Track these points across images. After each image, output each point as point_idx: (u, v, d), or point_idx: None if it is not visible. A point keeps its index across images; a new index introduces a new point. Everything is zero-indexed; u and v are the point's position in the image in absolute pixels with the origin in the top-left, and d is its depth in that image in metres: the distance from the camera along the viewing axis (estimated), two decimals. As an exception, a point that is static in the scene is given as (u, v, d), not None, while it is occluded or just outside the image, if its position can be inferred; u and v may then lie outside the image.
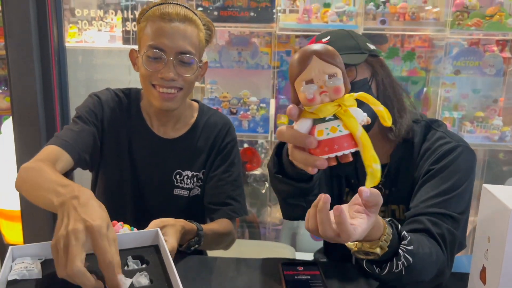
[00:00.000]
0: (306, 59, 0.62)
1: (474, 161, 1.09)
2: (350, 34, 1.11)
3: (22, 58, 1.98)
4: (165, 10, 1.16)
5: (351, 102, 0.64)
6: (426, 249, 0.90)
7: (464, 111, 2.34)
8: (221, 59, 2.42)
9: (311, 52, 0.62)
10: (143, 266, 0.86)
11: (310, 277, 0.96)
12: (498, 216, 0.75)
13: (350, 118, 0.63)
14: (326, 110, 0.63)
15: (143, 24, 1.20)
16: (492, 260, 0.78)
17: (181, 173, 1.31)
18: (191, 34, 1.19)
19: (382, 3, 2.24)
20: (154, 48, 1.16)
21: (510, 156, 2.60)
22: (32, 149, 2.06)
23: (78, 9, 2.50)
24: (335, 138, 0.63)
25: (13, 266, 0.82)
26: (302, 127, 0.65)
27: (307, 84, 0.62)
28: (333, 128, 0.62)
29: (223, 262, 1.09)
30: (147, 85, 1.20)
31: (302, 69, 0.62)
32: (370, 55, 1.08)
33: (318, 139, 0.63)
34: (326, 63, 0.62)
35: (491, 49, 2.41)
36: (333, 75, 0.62)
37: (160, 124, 1.32)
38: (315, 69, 0.62)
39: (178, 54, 1.17)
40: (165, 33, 1.16)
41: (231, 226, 1.31)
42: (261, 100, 2.36)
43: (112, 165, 1.31)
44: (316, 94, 0.62)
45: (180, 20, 1.17)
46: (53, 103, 2.09)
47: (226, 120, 1.39)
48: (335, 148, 0.63)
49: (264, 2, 2.20)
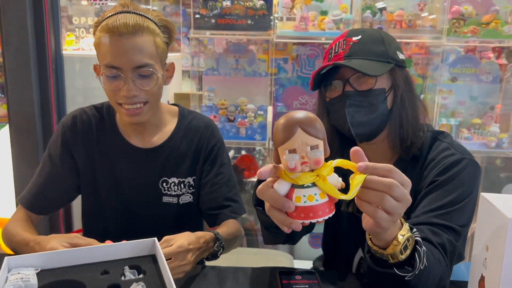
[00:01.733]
0: (291, 129, 0.65)
1: (479, 174, 1.08)
2: (383, 38, 1.09)
3: (19, 66, 1.99)
4: (114, 24, 1.10)
5: (329, 171, 0.68)
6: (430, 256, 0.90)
7: (461, 118, 2.35)
8: (219, 67, 2.43)
9: (296, 123, 0.65)
10: (140, 276, 0.86)
11: (308, 286, 0.96)
12: (496, 225, 0.75)
13: (328, 187, 0.67)
14: (306, 179, 0.67)
15: (97, 38, 1.15)
16: (491, 269, 0.78)
17: (167, 181, 1.30)
18: (146, 45, 1.13)
19: (379, 10, 2.25)
20: (110, 67, 1.12)
21: (507, 163, 2.61)
22: (29, 156, 2.05)
23: (75, 17, 2.50)
24: (311, 207, 0.67)
25: (8, 277, 0.81)
26: (282, 188, 0.69)
27: (290, 153, 0.66)
28: (310, 197, 0.67)
29: (221, 271, 1.08)
30: (113, 103, 1.19)
31: (286, 138, 0.65)
32: (396, 65, 1.08)
33: (296, 205, 0.68)
34: (309, 136, 0.65)
35: (487, 56, 2.43)
36: (315, 147, 0.66)
37: (137, 134, 1.29)
38: (299, 141, 0.65)
39: (135, 69, 1.12)
40: (117, 50, 1.10)
41: (238, 224, 1.30)
42: (259, 107, 2.36)
43: (93, 184, 1.30)
44: (297, 164, 0.65)
45: (130, 32, 1.10)
46: (50, 111, 2.09)
47: (208, 122, 1.36)
48: (310, 216, 0.68)
49: (262, 10, 2.20)
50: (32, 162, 2.03)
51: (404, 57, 1.12)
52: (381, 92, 1.07)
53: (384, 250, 0.83)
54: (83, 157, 1.29)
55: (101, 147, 1.29)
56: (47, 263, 0.86)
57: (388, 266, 0.85)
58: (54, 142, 1.30)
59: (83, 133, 1.29)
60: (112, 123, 1.31)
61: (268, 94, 2.40)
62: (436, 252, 0.94)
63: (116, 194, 1.29)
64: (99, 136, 1.29)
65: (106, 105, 1.33)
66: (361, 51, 1.07)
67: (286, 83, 2.38)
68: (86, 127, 1.29)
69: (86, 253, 0.89)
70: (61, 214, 2.20)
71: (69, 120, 1.30)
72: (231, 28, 2.23)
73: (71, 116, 1.31)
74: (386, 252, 0.83)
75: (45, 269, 0.86)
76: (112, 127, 1.30)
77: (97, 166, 1.29)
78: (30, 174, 1.34)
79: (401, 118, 1.09)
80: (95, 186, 1.30)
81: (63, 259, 0.87)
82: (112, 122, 1.31)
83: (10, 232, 1.18)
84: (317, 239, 2.54)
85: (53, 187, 1.28)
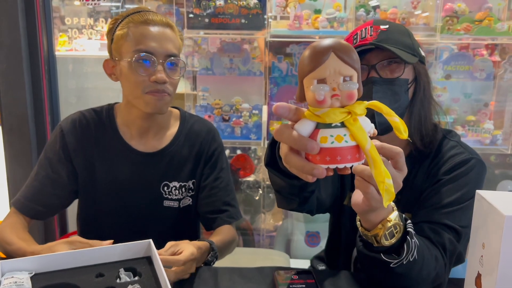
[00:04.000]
0: (322, 55, 0.54)
1: (484, 175, 1.08)
2: (409, 33, 1.10)
3: (12, 67, 1.97)
4: (147, 16, 1.17)
5: (362, 111, 0.58)
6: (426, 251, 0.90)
7: (455, 115, 2.35)
8: (213, 66, 2.42)
9: (329, 47, 0.55)
10: (136, 278, 0.85)
11: (305, 285, 0.96)
12: (492, 222, 0.75)
13: (359, 129, 0.57)
14: (335, 116, 0.56)
15: (122, 31, 1.18)
16: (487, 266, 0.78)
17: (169, 185, 1.29)
18: (174, 38, 1.21)
19: (372, 8, 2.25)
20: (143, 52, 1.15)
21: (501, 159, 2.62)
22: (22, 158, 2.04)
23: (68, 18, 2.49)
24: (339, 149, 0.56)
25: (2, 281, 0.80)
26: (304, 129, 0.58)
27: (319, 83, 0.55)
28: (338, 137, 0.56)
29: (217, 272, 1.07)
30: (138, 93, 1.18)
31: (315, 65, 0.55)
32: (419, 60, 1.08)
33: (321, 146, 0.57)
34: (343, 63, 0.55)
35: (480, 53, 2.43)
36: (349, 78, 0.56)
37: (141, 134, 1.28)
38: (331, 68, 0.55)
39: (166, 57, 1.17)
40: (152, 37, 1.16)
41: (233, 231, 1.30)
42: (254, 107, 2.35)
43: (92, 188, 1.28)
44: (327, 96, 0.55)
45: (163, 25, 1.19)
46: (43, 112, 2.08)
47: (210, 126, 1.37)
48: (337, 160, 0.56)
49: (255, 9, 2.20)
50: (25, 163, 2.01)
51: (424, 54, 1.12)
52: (404, 83, 1.06)
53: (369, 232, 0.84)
54: (82, 161, 1.27)
55: (101, 151, 1.27)
56: (41, 267, 0.85)
57: (377, 251, 0.86)
58: (52, 146, 1.27)
59: (83, 137, 1.27)
60: (113, 126, 1.29)
61: (263, 93, 2.39)
62: (434, 248, 0.94)
63: (117, 198, 1.28)
64: (99, 140, 1.28)
65: (106, 108, 1.32)
66: (390, 40, 1.04)
67: (281, 82, 2.38)
68: (85, 131, 1.28)
69: (81, 256, 0.88)
70: (56, 217, 2.19)
71: (68, 124, 1.28)
72: (224, 28, 2.22)
73: (70, 120, 1.29)
74: (369, 233, 0.83)
75: (39, 273, 0.85)
76: (113, 131, 1.29)
77: (96, 170, 1.27)
78: (23, 175, 1.33)
79: (420, 112, 1.09)
80: (95, 190, 1.28)
81: (57, 262, 0.87)
82: (112, 126, 1.29)
83: (4, 239, 1.14)
84: (314, 238, 2.54)
85: (51, 191, 1.25)
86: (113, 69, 1.23)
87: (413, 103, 1.08)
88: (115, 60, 1.22)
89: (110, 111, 1.31)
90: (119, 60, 1.20)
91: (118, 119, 1.30)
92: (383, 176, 0.58)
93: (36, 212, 1.25)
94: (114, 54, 1.22)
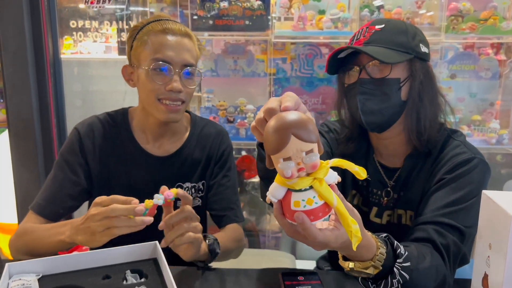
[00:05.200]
0: (284, 137, 0.62)
1: (488, 175, 1.07)
2: (407, 30, 1.09)
3: (18, 71, 1.98)
4: (167, 25, 1.20)
5: (325, 174, 0.66)
6: (426, 263, 0.89)
7: (461, 115, 2.34)
8: (217, 68, 2.42)
9: (288, 129, 0.62)
10: (142, 280, 0.86)
11: (310, 286, 0.95)
12: (499, 222, 0.75)
13: (326, 190, 0.66)
14: (303, 184, 0.65)
15: (142, 39, 1.21)
16: (494, 266, 0.77)
17: (182, 186, 1.31)
18: (192, 48, 1.23)
19: (376, 8, 2.24)
20: (160, 60, 1.18)
21: (508, 159, 2.60)
22: (28, 161, 2.05)
23: (73, 20, 2.50)
24: (311, 210, 0.66)
25: (10, 283, 0.81)
26: (278, 193, 0.68)
27: (285, 161, 0.63)
28: (309, 200, 0.66)
29: (222, 273, 1.07)
30: (153, 100, 1.20)
31: (279, 148, 0.62)
32: (417, 57, 1.07)
33: (295, 209, 0.66)
34: (303, 142, 0.62)
35: (486, 52, 2.42)
36: (310, 151, 0.63)
37: (156, 138, 1.31)
38: (293, 149, 0.62)
39: (183, 66, 1.20)
40: (170, 46, 1.19)
41: (240, 231, 1.32)
42: (258, 108, 2.35)
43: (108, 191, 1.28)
44: (294, 171, 0.63)
45: (182, 35, 1.21)
46: (49, 115, 2.09)
47: (219, 129, 1.40)
48: (311, 219, 0.66)
49: (259, 10, 2.20)
50: (32, 166, 2.02)
51: (427, 50, 1.11)
52: (395, 82, 1.06)
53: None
54: (98, 164, 1.28)
55: (116, 155, 1.29)
56: (48, 269, 0.86)
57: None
58: (70, 149, 1.28)
59: (99, 141, 1.29)
60: (128, 130, 1.31)
61: (267, 94, 2.40)
62: (433, 258, 0.92)
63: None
64: (114, 144, 1.30)
65: (121, 112, 1.34)
66: (381, 40, 1.06)
67: (285, 83, 2.38)
68: (101, 135, 1.30)
69: (88, 258, 0.89)
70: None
71: (85, 127, 1.30)
72: (229, 29, 2.23)
73: (86, 123, 1.31)
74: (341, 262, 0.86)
75: (47, 275, 0.85)
76: (128, 135, 1.30)
77: (112, 173, 1.29)
78: (30, 178, 1.33)
79: (417, 111, 1.08)
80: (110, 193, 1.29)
81: (65, 264, 0.87)
82: (127, 130, 1.31)
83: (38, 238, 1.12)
84: (319, 238, 2.53)
85: (69, 193, 1.26)
86: (131, 75, 1.26)
87: (408, 101, 1.08)
88: (133, 67, 1.24)
89: (125, 116, 1.33)
90: (137, 67, 1.23)
91: (133, 123, 1.32)
92: (350, 224, 0.67)
93: (57, 214, 1.25)
94: (132, 60, 1.24)
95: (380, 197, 1.17)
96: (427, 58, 1.10)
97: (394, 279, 0.84)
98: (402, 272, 0.84)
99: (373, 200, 1.18)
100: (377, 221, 1.17)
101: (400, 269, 0.84)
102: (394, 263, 0.85)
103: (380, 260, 0.82)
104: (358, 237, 0.68)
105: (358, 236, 0.68)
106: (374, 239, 0.82)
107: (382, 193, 1.17)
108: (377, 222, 1.17)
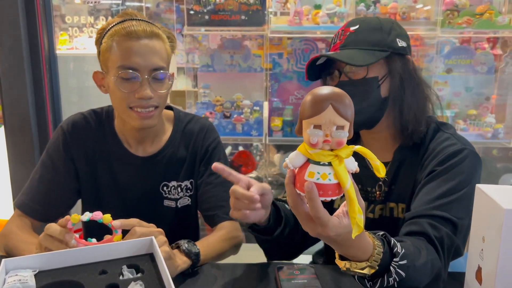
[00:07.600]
0: (321, 106, 0.64)
1: (479, 166, 1.07)
2: (382, 26, 1.09)
3: (13, 67, 1.98)
4: (131, 28, 1.12)
5: (347, 155, 0.67)
6: (422, 259, 0.89)
7: (457, 109, 2.35)
8: (214, 63, 2.42)
9: (328, 99, 0.64)
10: (138, 275, 0.86)
11: (306, 280, 0.96)
12: (492, 216, 0.76)
13: (343, 171, 0.66)
14: (323, 158, 0.66)
15: (107, 43, 1.15)
16: (487, 260, 0.78)
17: (168, 185, 1.30)
18: (161, 48, 1.16)
19: (372, 3, 2.24)
20: (127, 68, 1.12)
21: (503, 153, 2.61)
22: (24, 157, 2.05)
23: (68, 16, 2.49)
24: (322, 185, 0.67)
25: (6, 279, 0.81)
26: (297, 161, 0.69)
27: (315, 128, 0.65)
28: (324, 175, 0.67)
29: (219, 268, 1.08)
30: (124, 108, 1.16)
31: (314, 113, 0.64)
32: (394, 53, 1.08)
33: (307, 179, 0.67)
34: (338, 115, 0.64)
35: (482, 47, 2.43)
36: (341, 127, 0.65)
37: (137, 142, 1.28)
38: (327, 118, 0.64)
39: (151, 71, 1.14)
40: (136, 51, 1.12)
41: (234, 227, 1.25)
42: (255, 103, 2.35)
43: (95, 189, 1.29)
44: (320, 141, 0.65)
45: (148, 37, 1.13)
46: (45, 111, 2.08)
47: (203, 124, 1.35)
48: (320, 193, 0.67)
49: (255, 5, 2.19)
50: (28, 162, 2.02)
51: (406, 44, 1.11)
52: (373, 81, 1.07)
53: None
54: (84, 162, 1.27)
55: (101, 154, 1.28)
56: (44, 264, 0.86)
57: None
58: (54, 147, 1.27)
59: (84, 139, 1.27)
60: (112, 130, 1.29)
61: (263, 90, 2.39)
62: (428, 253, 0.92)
63: (118, 199, 1.29)
64: (99, 142, 1.28)
65: (106, 110, 1.32)
66: (356, 41, 1.08)
67: (281, 78, 2.38)
68: (86, 132, 1.28)
69: (84, 253, 0.89)
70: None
71: (70, 125, 1.28)
72: (225, 24, 2.22)
73: (71, 121, 1.29)
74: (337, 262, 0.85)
75: (43, 271, 0.86)
76: (112, 135, 1.29)
77: (98, 171, 1.28)
78: (26, 174, 1.32)
79: (400, 105, 1.09)
80: (97, 191, 1.29)
81: (61, 260, 0.87)
82: (111, 129, 1.29)
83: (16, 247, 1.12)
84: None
85: (57, 193, 1.25)
86: (103, 81, 1.21)
87: (389, 96, 1.09)
88: (103, 73, 1.20)
89: (110, 114, 1.31)
90: (106, 73, 1.18)
91: (116, 123, 1.30)
92: (356, 212, 0.68)
93: (46, 214, 1.23)
94: (102, 66, 1.20)
95: (372, 192, 1.18)
96: (406, 52, 1.11)
97: (390, 278, 0.84)
98: (398, 270, 0.84)
99: (366, 196, 1.19)
100: (370, 216, 1.17)
101: (397, 267, 0.84)
102: (391, 262, 0.85)
103: (377, 260, 0.82)
104: (360, 227, 0.68)
105: (360, 226, 0.68)
106: (371, 239, 0.82)
107: (374, 188, 1.17)
108: (369, 217, 1.17)
